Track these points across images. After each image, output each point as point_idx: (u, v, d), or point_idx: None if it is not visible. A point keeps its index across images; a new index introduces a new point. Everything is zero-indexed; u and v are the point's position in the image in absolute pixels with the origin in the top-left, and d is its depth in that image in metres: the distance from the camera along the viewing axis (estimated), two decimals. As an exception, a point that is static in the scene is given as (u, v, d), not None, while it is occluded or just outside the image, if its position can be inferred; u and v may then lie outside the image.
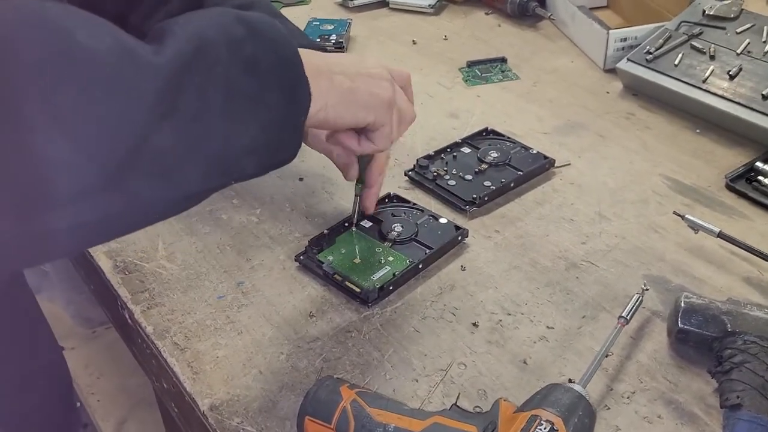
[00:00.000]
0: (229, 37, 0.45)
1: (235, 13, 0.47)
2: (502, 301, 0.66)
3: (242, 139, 0.46)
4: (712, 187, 0.80)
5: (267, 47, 0.47)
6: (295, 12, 1.22)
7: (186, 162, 0.42)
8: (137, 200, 0.41)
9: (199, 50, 0.43)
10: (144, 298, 0.66)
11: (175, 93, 0.41)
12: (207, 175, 0.45)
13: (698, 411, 0.56)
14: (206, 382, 0.58)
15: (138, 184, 0.40)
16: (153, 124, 0.40)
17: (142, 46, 0.41)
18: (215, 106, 0.43)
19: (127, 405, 1.30)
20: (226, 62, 0.44)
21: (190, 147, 0.42)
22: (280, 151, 0.50)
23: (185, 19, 0.45)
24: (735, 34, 0.94)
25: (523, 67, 1.05)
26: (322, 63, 0.53)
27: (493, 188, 0.77)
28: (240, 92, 0.45)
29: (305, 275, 0.68)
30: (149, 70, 0.40)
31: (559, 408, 0.49)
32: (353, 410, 0.50)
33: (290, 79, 0.49)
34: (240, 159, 0.47)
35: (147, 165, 0.40)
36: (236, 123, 0.45)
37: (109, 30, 0.40)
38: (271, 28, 0.48)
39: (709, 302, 0.60)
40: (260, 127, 0.47)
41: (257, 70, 0.46)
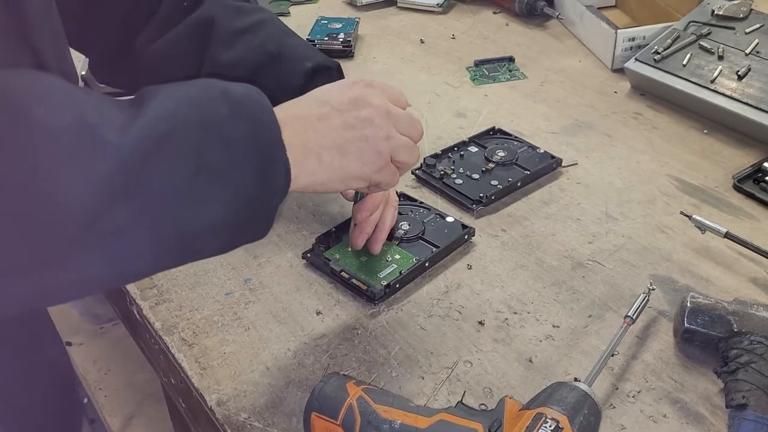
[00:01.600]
0: (208, 116, 0.44)
1: (221, 88, 0.46)
2: (508, 299, 0.66)
3: (205, 219, 0.44)
4: (720, 187, 0.80)
5: (249, 126, 0.45)
6: (304, 11, 1.22)
7: (139, 241, 0.41)
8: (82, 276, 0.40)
9: (170, 131, 0.41)
10: (152, 294, 0.66)
11: (136, 173, 0.40)
12: (161, 254, 0.44)
13: (704, 411, 0.56)
14: (214, 377, 0.59)
15: (85, 261, 0.39)
16: (107, 204, 0.39)
17: (108, 123, 0.39)
18: (179, 186, 0.42)
19: (134, 400, 1.31)
20: (199, 143, 0.43)
21: (145, 228, 0.41)
22: (247, 230, 0.48)
23: (166, 91, 0.44)
24: (744, 34, 0.94)
25: (531, 66, 1.05)
26: (311, 139, 0.51)
27: (500, 187, 0.78)
28: (209, 174, 0.43)
29: (312, 273, 0.69)
30: (108, 150, 0.39)
31: (564, 406, 0.49)
32: (359, 407, 0.50)
33: (268, 163, 0.47)
34: (200, 239, 0.45)
35: (97, 243, 0.39)
36: (200, 203, 0.43)
37: (75, 104, 0.39)
38: (258, 107, 0.47)
39: (715, 302, 0.60)
40: (227, 207, 0.45)
41: (234, 151, 0.44)
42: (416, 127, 0.58)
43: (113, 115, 0.41)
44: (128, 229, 0.40)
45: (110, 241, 0.40)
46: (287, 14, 1.21)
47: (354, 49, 1.08)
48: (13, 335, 0.72)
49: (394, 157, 0.55)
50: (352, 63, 1.06)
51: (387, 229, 0.68)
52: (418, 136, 0.58)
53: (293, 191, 0.50)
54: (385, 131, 0.54)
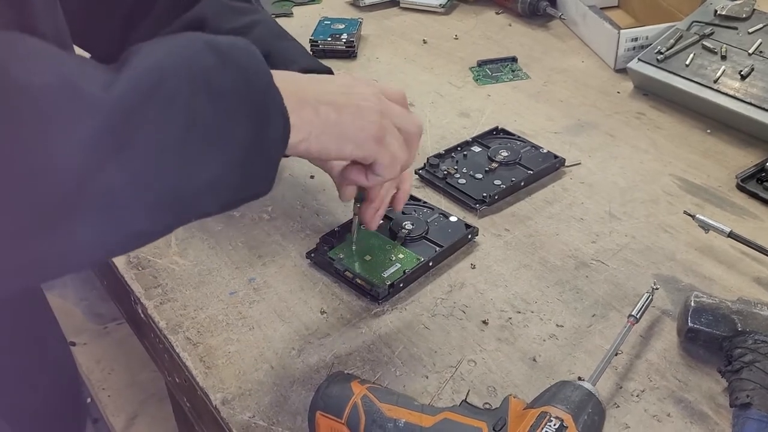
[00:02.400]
0: (194, 66, 0.42)
1: (205, 38, 0.44)
2: (511, 299, 0.66)
3: (202, 176, 0.42)
4: (723, 187, 0.80)
5: (238, 75, 0.44)
6: (307, 11, 1.22)
7: (135, 202, 0.40)
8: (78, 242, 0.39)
9: (156, 83, 0.40)
10: (157, 294, 0.67)
11: (125, 130, 0.38)
12: (158, 214, 0.42)
13: (708, 410, 0.56)
14: (218, 376, 0.59)
15: (79, 226, 0.38)
16: (97, 164, 0.37)
17: (92, 80, 0.38)
18: (172, 141, 0.40)
19: (137, 400, 1.31)
20: (188, 94, 0.41)
21: (140, 186, 0.39)
22: (249, 186, 0.47)
23: (149, 47, 0.42)
24: (747, 34, 0.94)
25: (534, 66, 1.06)
26: (307, 91, 0.50)
27: (503, 187, 0.78)
28: (202, 125, 0.42)
29: (316, 272, 0.69)
30: (94, 106, 0.37)
31: (568, 405, 0.49)
32: (364, 405, 0.50)
33: (263, 108, 0.45)
34: (198, 197, 0.43)
35: (90, 206, 0.38)
36: (195, 159, 0.42)
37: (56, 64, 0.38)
38: (245, 55, 0.45)
39: (719, 302, 0.60)
40: (224, 162, 0.43)
41: (224, 101, 0.43)
42: (412, 119, 0.56)
43: (96, 72, 0.39)
44: (121, 189, 0.39)
45: (104, 201, 0.38)
46: (290, 15, 1.21)
47: (357, 50, 1.08)
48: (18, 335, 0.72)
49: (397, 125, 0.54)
50: (355, 63, 1.06)
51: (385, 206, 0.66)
52: (414, 127, 0.56)
53: (292, 149, 0.48)
54: (378, 107, 0.53)
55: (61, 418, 0.84)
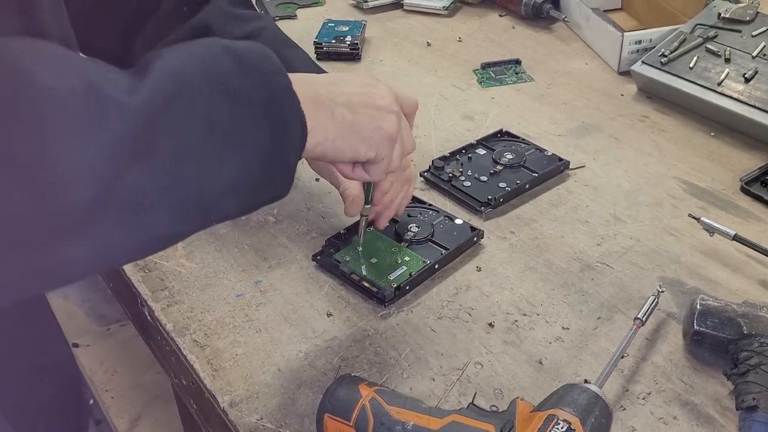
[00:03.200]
0: (213, 71, 0.43)
1: (223, 43, 0.45)
2: (517, 301, 0.66)
3: (223, 178, 0.43)
4: (727, 190, 0.80)
5: (256, 80, 0.45)
6: (311, 13, 1.22)
7: (158, 205, 0.40)
8: (104, 246, 0.39)
9: (178, 88, 0.41)
10: (164, 296, 0.67)
11: (148, 134, 0.39)
12: (182, 217, 0.42)
13: (714, 413, 0.56)
14: (226, 379, 0.59)
15: (105, 230, 0.38)
16: (122, 168, 0.38)
17: (115, 85, 0.39)
18: (193, 145, 0.41)
19: (141, 401, 1.31)
20: (208, 98, 0.42)
21: (164, 189, 0.40)
22: (267, 189, 0.47)
23: (169, 52, 0.43)
24: (750, 36, 0.95)
25: (538, 69, 1.06)
26: (323, 93, 0.50)
27: (508, 190, 0.78)
28: (222, 129, 0.42)
29: (322, 274, 0.69)
30: (119, 111, 0.38)
31: (576, 408, 0.49)
32: (372, 408, 0.51)
33: (281, 113, 0.46)
34: (219, 200, 0.44)
35: (115, 210, 0.38)
36: (216, 162, 0.42)
37: (80, 69, 0.38)
38: (262, 59, 0.46)
39: (724, 305, 0.60)
40: (243, 165, 0.44)
41: (243, 105, 0.44)
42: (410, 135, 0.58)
43: (119, 78, 0.40)
44: (145, 193, 0.39)
45: (128, 206, 0.39)
46: (294, 17, 1.21)
47: (361, 52, 1.09)
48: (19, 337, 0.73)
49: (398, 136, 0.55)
50: (359, 65, 1.07)
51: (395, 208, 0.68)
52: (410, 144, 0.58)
53: (308, 152, 0.49)
54: (396, 107, 0.54)
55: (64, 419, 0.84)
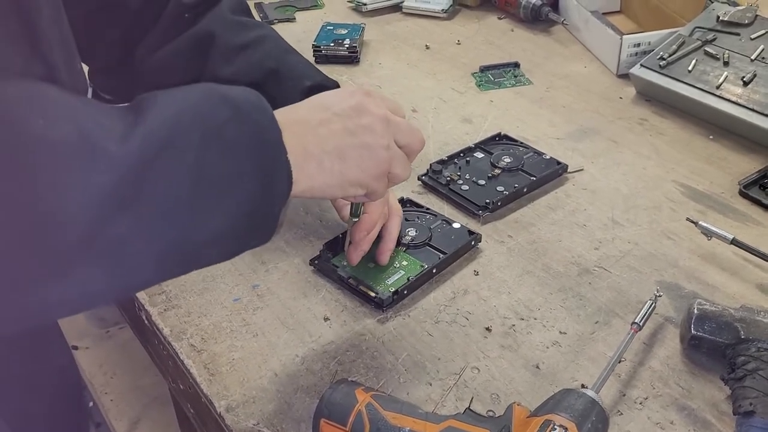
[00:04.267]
0: (208, 120, 0.43)
1: (220, 92, 0.46)
2: (515, 306, 0.66)
3: (208, 230, 0.43)
4: (726, 193, 0.80)
5: (250, 131, 0.45)
6: (309, 16, 1.23)
7: (143, 253, 0.41)
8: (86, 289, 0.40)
9: (170, 139, 0.41)
10: (161, 300, 0.67)
11: (136, 184, 0.39)
12: (165, 266, 0.43)
13: (711, 418, 0.56)
14: (222, 383, 0.59)
15: (88, 274, 0.39)
16: (108, 216, 0.38)
17: (107, 133, 0.39)
18: (181, 196, 0.41)
19: (140, 404, 1.31)
20: (200, 148, 0.42)
21: (148, 238, 0.41)
22: (251, 239, 0.48)
23: (165, 98, 0.43)
24: (749, 40, 0.95)
25: (536, 72, 1.06)
26: (312, 142, 0.50)
27: (506, 193, 0.78)
28: (211, 182, 0.43)
29: (320, 279, 0.69)
30: (109, 161, 0.38)
31: (572, 413, 0.49)
32: (368, 413, 0.51)
33: (270, 166, 0.46)
34: (203, 250, 0.45)
35: (99, 256, 0.39)
36: (203, 214, 0.43)
37: (74, 116, 0.39)
38: (258, 110, 0.46)
39: (722, 309, 0.60)
40: (229, 217, 0.44)
41: (235, 157, 0.44)
42: (417, 135, 0.57)
43: (112, 124, 0.40)
44: (131, 240, 0.40)
45: (113, 252, 0.39)
46: (293, 20, 1.21)
47: (360, 55, 1.09)
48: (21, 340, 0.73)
49: (390, 169, 0.55)
50: (357, 69, 1.07)
51: (394, 240, 0.68)
52: (419, 143, 0.57)
53: (291, 197, 0.49)
54: (385, 140, 0.53)
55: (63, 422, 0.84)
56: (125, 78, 0.74)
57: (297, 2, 1.26)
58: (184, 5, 0.71)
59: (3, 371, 0.68)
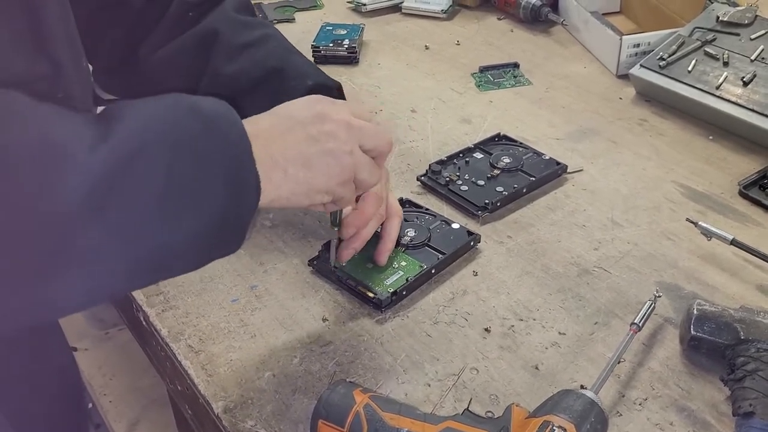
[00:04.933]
0: (177, 133, 0.44)
1: (189, 103, 0.46)
2: (514, 306, 0.66)
3: (177, 240, 0.44)
4: (725, 194, 0.80)
5: (220, 143, 0.45)
6: (309, 17, 1.22)
7: (113, 260, 0.41)
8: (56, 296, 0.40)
9: (140, 149, 0.41)
10: (159, 301, 0.67)
11: (107, 192, 0.39)
12: (135, 273, 0.43)
13: (710, 418, 0.56)
14: (220, 384, 0.59)
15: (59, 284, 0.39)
16: (78, 224, 0.38)
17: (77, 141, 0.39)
18: (149, 207, 0.42)
19: (139, 406, 1.31)
20: (169, 160, 0.42)
21: (117, 248, 0.41)
22: (219, 249, 0.49)
23: (134, 111, 0.43)
24: (749, 40, 0.94)
25: (536, 72, 1.06)
26: (276, 151, 0.50)
27: (505, 194, 0.78)
28: (180, 193, 0.43)
29: (318, 279, 0.69)
30: (77, 169, 0.38)
31: (571, 414, 0.49)
32: (366, 414, 0.50)
33: (239, 177, 0.46)
34: (172, 259, 0.45)
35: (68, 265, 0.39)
36: (171, 225, 0.43)
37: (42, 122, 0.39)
38: (227, 122, 0.47)
39: (721, 310, 0.60)
40: (198, 228, 0.44)
41: (204, 168, 0.44)
42: (383, 137, 0.57)
43: (82, 133, 0.40)
44: (101, 249, 0.40)
45: (84, 261, 0.39)
46: (292, 20, 1.21)
47: (359, 55, 1.08)
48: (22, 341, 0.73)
49: (355, 174, 0.55)
50: (357, 69, 1.07)
51: (393, 240, 0.68)
52: (386, 145, 0.57)
53: (263, 207, 0.49)
54: (348, 146, 0.54)
55: (64, 423, 0.84)
56: (128, 77, 0.74)
57: (296, 3, 1.26)
58: (188, 4, 0.71)
59: (4, 371, 0.68)
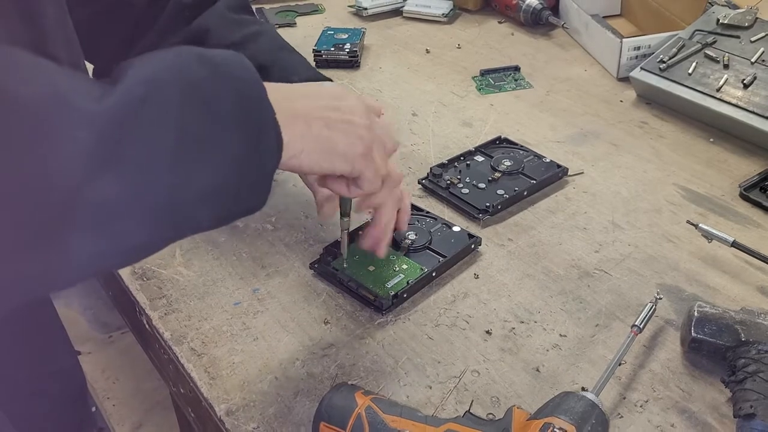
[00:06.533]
0: (186, 78, 0.43)
1: (197, 51, 0.45)
2: (515, 309, 0.66)
3: (195, 187, 0.42)
4: (726, 196, 0.80)
5: (230, 87, 0.44)
6: (310, 21, 1.23)
7: (129, 214, 0.40)
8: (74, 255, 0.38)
9: (148, 95, 0.40)
10: (162, 304, 0.67)
11: (117, 141, 0.38)
12: (154, 227, 0.42)
13: (711, 420, 0.56)
14: (223, 387, 0.59)
15: (76, 239, 0.38)
16: (89, 175, 0.37)
17: (85, 94, 0.38)
18: (164, 152, 0.40)
19: (142, 409, 1.31)
20: (179, 105, 0.41)
21: (134, 198, 0.39)
22: (243, 200, 0.47)
23: (141, 60, 0.43)
24: (749, 42, 0.95)
25: (537, 75, 1.06)
26: (299, 106, 0.50)
27: (506, 197, 0.78)
28: (194, 137, 0.42)
29: (320, 282, 0.69)
30: (86, 119, 0.37)
31: (572, 416, 0.49)
32: (368, 416, 0.51)
33: (255, 121, 0.45)
34: (192, 209, 0.43)
35: (84, 218, 0.38)
36: (188, 170, 0.42)
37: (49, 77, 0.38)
38: (238, 67, 0.46)
39: (722, 311, 0.60)
40: (216, 173, 0.43)
41: (216, 112, 0.43)
42: (392, 135, 0.58)
43: (89, 87, 0.39)
44: (115, 201, 0.38)
45: (99, 214, 0.38)
46: (294, 25, 1.22)
47: (360, 59, 1.09)
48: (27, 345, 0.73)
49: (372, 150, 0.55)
50: (358, 73, 1.07)
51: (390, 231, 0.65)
52: (392, 144, 0.58)
53: (284, 164, 0.48)
54: (366, 121, 0.54)
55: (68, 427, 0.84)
56: None
57: (298, 7, 1.27)
58: (183, 4, 0.72)
59: (10, 375, 0.69)
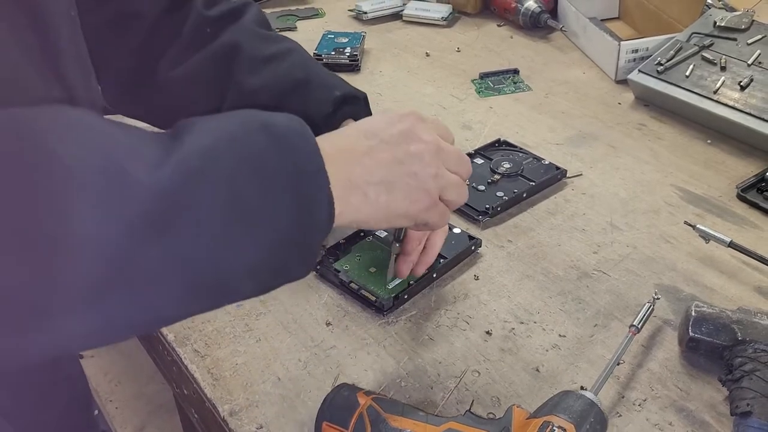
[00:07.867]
0: (245, 150, 0.42)
1: (262, 120, 0.44)
2: (514, 309, 0.67)
3: (242, 261, 0.41)
4: (723, 197, 0.81)
5: (288, 161, 0.43)
6: (310, 25, 1.24)
7: (171, 286, 0.39)
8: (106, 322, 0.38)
9: (205, 168, 0.39)
10: (165, 307, 0.67)
11: (167, 212, 0.38)
12: (193, 298, 0.41)
13: (709, 419, 0.57)
14: (226, 388, 0.60)
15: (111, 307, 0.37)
16: (135, 245, 0.37)
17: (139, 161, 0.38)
18: (213, 226, 0.39)
19: (144, 412, 1.32)
20: (235, 178, 0.40)
21: (177, 269, 0.39)
22: (287, 272, 0.46)
23: (202, 125, 0.42)
24: (746, 45, 0.95)
25: (535, 78, 1.07)
26: (357, 173, 0.48)
27: (505, 198, 0.79)
28: (246, 211, 0.41)
29: (322, 284, 0.70)
30: (139, 191, 0.37)
31: (571, 414, 0.50)
32: (370, 416, 0.51)
33: (308, 197, 0.44)
34: (236, 282, 0.43)
35: (123, 287, 0.37)
36: (236, 245, 0.41)
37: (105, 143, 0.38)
38: (299, 138, 0.44)
39: (719, 311, 0.60)
40: (264, 248, 0.42)
41: (272, 186, 0.42)
42: (465, 165, 0.56)
43: (146, 152, 0.39)
44: (159, 273, 0.38)
45: (140, 285, 0.38)
46: (294, 29, 1.23)
47: (360, 63, 1.10)
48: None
49: (442, 196, 0.53)
50: (358, 77, 1.08)
51: (435, 254, 0.66)
52: (466, 173, 0.56)
53: (336, 226, 0.47)
54: (434, 169, 0.52)
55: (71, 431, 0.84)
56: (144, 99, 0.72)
57: (298, 11, 1.28)
58: (206, 18, 0.70)
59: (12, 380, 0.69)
